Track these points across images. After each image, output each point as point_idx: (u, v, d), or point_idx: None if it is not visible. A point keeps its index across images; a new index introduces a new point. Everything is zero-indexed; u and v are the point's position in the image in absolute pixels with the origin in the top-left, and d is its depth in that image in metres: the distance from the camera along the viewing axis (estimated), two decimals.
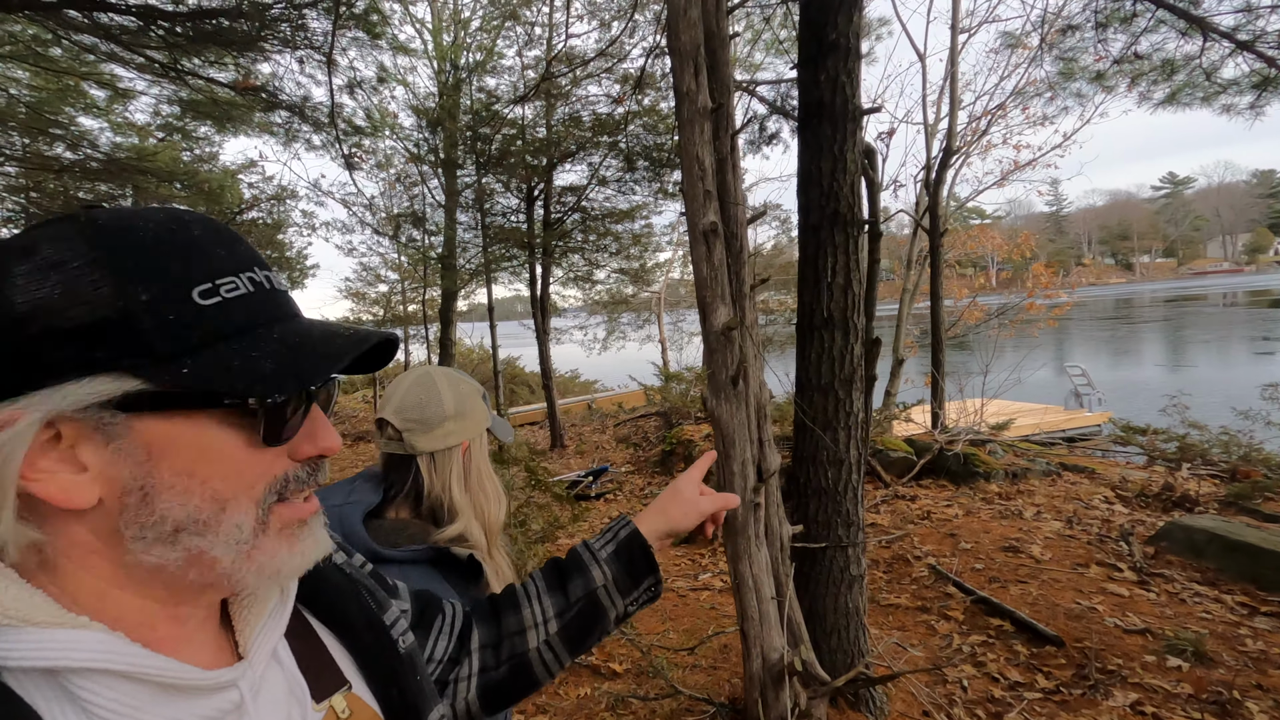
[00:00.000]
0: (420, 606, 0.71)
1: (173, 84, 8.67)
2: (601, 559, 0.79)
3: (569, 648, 0.77)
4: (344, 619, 0.56)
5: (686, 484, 0.88)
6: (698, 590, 3.77)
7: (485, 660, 0.74)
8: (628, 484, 6.82)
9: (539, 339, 9.28)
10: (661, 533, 0.83)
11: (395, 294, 16.62)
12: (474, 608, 0.77)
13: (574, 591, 0.78)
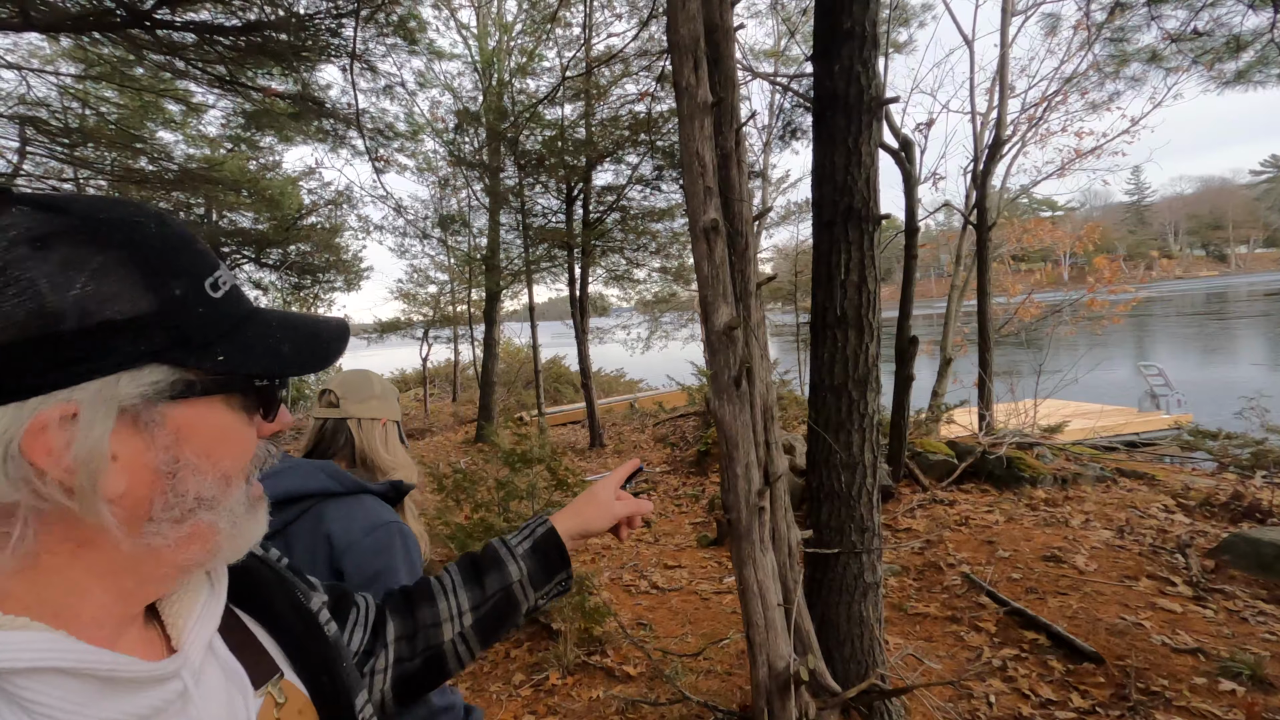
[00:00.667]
0: (335, 599, 0.71)
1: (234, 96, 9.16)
2: (518, 555, 0.82)
3: (482, 639, 0.79)
4: (271, 609, 0.57)
5: (603, 488, 0.92)
6: (721, 594, 3.71)
7: (400, 652, 0.75)
8: (662, 484, 6.79)
9: (578, 339, 9.36)
10: (575, 532, 0.86)
11: (444, 295, 17.09)
12: (387, 599, 0.79)
13: (490, 585, 0.80)
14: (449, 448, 11.44)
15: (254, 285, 18.47)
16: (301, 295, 18.64)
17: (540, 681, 2.78)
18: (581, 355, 9.32)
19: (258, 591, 0.57)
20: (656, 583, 3.88)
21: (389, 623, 0.76)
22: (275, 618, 0.57)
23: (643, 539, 5.02)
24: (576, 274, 9.22)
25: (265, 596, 0.57)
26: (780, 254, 18.12)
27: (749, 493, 2.13)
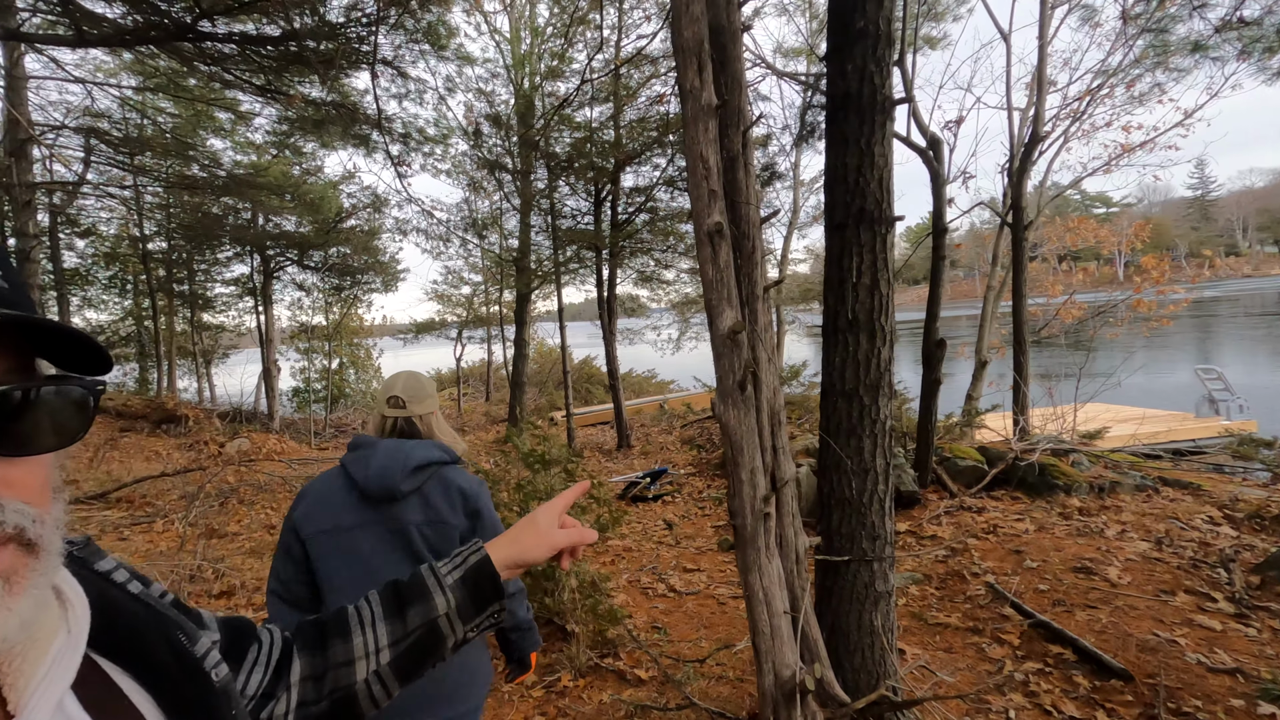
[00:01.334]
0: (232, 635, 0.65)
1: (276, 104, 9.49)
2: (446, 585, 0.74)
3: (400, 678, 0.72)
4: (143, 655, 0.49)
5: (544, 514, 0.82)
6: (739, 599, 3.67)
7: (305, 694, 0.67)
8: (688, 486, 6.77)
9: (605, 340, 9.41)
10: (510, 562, 0.78)
11: (477, 296, 17.39)
12: (297, 632, 0.72)
13: (412, 620, 0.73)
14: (480, 447, 11.62)
15: (297, 286, 19.10)
16: (342, 296, 19.20)
17: (552, 683, 2.81)
18: (609, 356, 9.37)
19: (126, 635, 0.49)
20: (674, 586, 3.87)
21: (295, 661, 0.68)
22: (148, 665, 0.49)
23: (664, 541, 5.01)
24: (605, 275, 9.27)
25: (136, 641, 0.49)
26: (812, 254, 17.90)
27: (754, 498, 2.11)
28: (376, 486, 1.49)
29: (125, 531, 5.95)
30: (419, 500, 1.53)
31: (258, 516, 6.43)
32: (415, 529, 1.51)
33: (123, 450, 11.30)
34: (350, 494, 1.53)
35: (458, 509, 1.54)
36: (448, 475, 1.58)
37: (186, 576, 4.16)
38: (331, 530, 1.50)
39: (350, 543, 1.50)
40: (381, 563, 1.49)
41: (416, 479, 1.53)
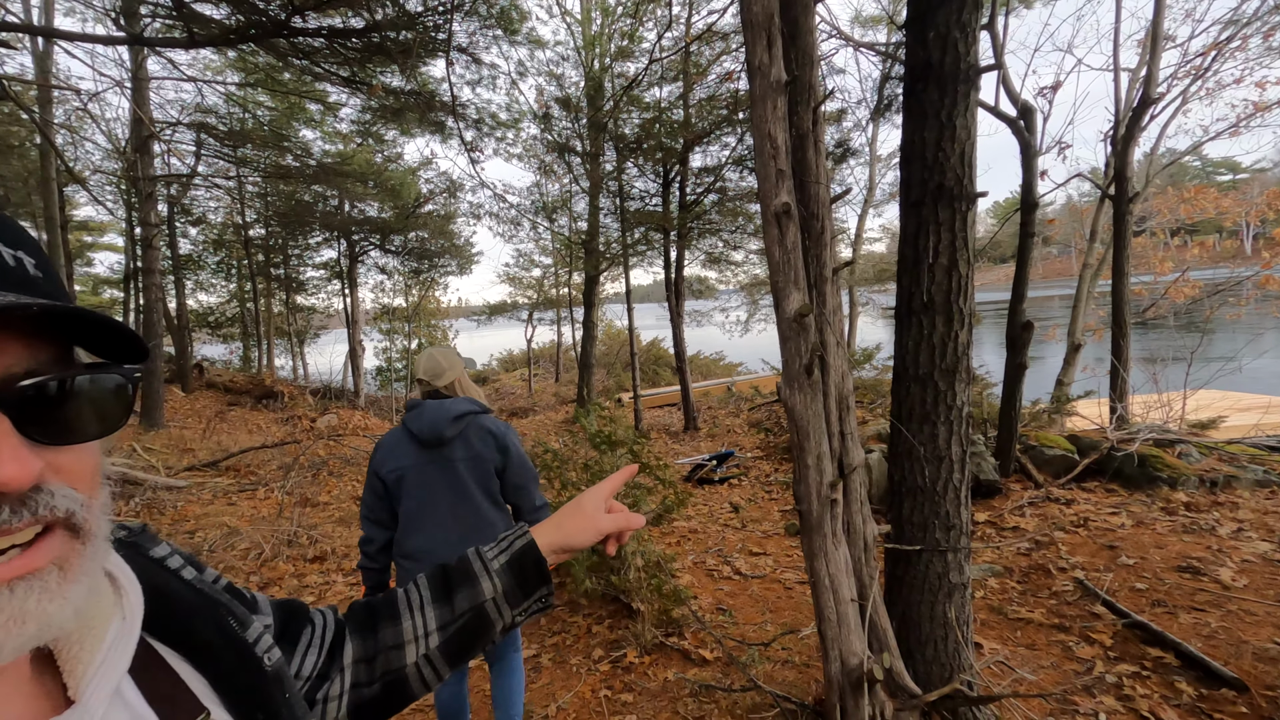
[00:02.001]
0: (284, 618, 0.66)
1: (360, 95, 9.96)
2: (493, 570, 0.74)
3: (449, 661, 0.72)
4: (198, 641, 0.50)
5: (590, 499, 0.82)
6: (805, 584, 3.64)
7: (358, 676, 0.68)
8: (754, 469, 6.73)
9: (672, 322, 9.41)
10: (556, 546, 0.78)
11: (548, 278, 17.77)
12: (349, 615, 0.74)
13: (460, 604, 0.73)
14: (549, 427, 11.95)
15: (379, 270, 20.13)
16: (420, 279, 20.09)
17: (618, 658, 2.89)
18: (676, 338, 9.37)
19: (179, 619, 0.50)
20: (740, 569, 3.88)
21: (347, 644, 0.69)
22: (202, 650, 0.50)
23: (729, 524, 5.02)
24: (672, 257, 9.24)
25: (188, 625, 0.50)
26: (888, 233, 17.12)
27: (820, 484, 2.08)
28: (429, 435, 2.00)
29: (234, 497, 6.53)
30: (461, 442, 2.04)
31: (345, 488, 6.90)
32: (460, 464, 2.03)
33: (229, 423, 12.34)
34: (411, 443, 2.04)
35: (490, 447, 2.06)
36: (481, 421, 2.09)
37: (285, 541, 4.54)
38: (400, 470, 2.01)
39: (415, 477, 2.01)
40: (437, 490, 2.02)
41: (458, 425, 2.03)
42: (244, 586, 0.64)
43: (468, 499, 2.03)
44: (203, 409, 13.04)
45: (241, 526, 5.42)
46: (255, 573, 4.08)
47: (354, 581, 4.15)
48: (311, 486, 6.93)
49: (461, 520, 2.02)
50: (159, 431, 9.67)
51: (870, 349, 8.21)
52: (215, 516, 5.72)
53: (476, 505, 2.04)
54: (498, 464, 2.06)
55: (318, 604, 4.10)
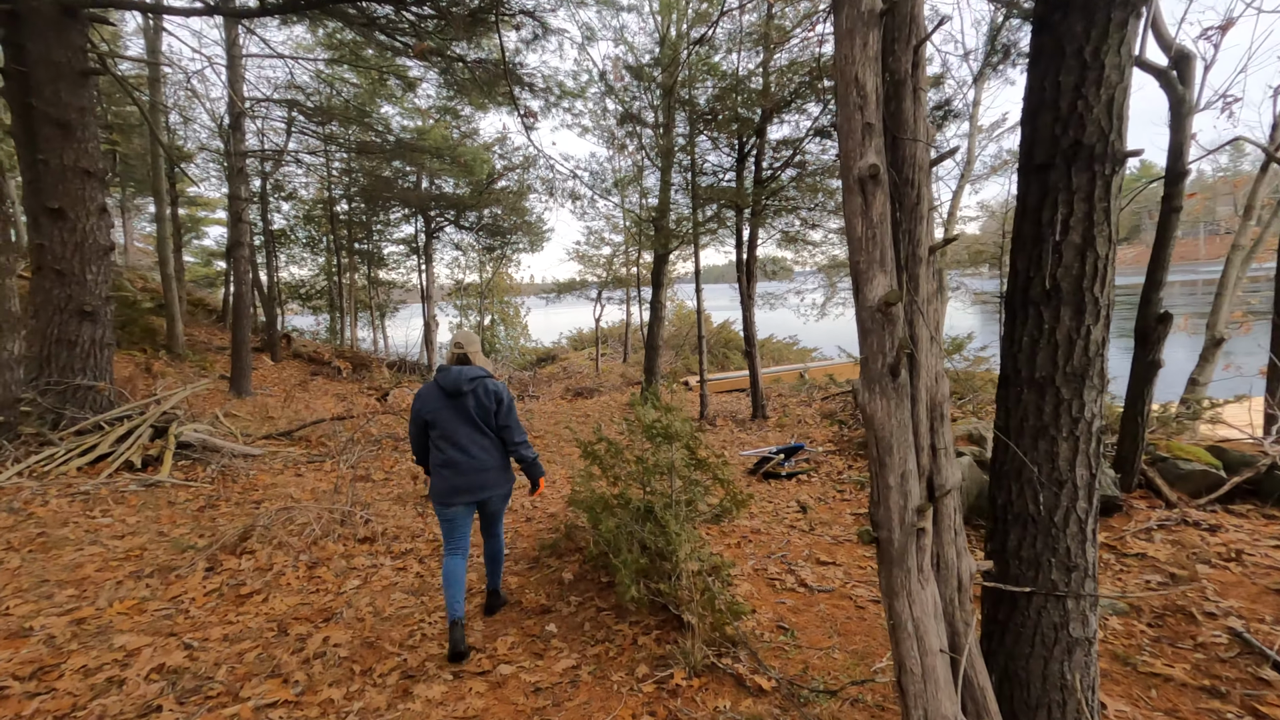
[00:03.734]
0: None
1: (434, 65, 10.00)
2: None
3: None
4: None
5: None
6: (879, 602, 3.27)
7: None
8: (826, 465, 6.29)
9: (743, 304, 8.97)
10: None
11: (617, 256, 17.59)
12: None
13: None
14: (613, 409, 11.81)
15: (454, 246, 20.60)
16: (493, 256, 20.43)
17: (664, 679, 2.64)
18: (746, 321, 8.94)
19: None
20: (805, 579, 3.54)
21: None
22: None
23: (796, 525, 4.66)
24: (744, 236, 8.78)
25: None
26: (986, 210, 15.69)
27: (904, 509, 1.73)
28: (452, 388, 3.11)
29: (302, 468, 6.74)
30: (473, 395, 3.13)
31: (405, 465, 6.99)
32: (471, 409, 3.13)
33: (310, 392, 12.95)
34: (440, 393, 3.14)
35: (491, 399, 3.16)
36: (486, 383, 3.18)
37: (338, 519, 4.56)
38: (432, 411, 3.13)
39: (442, 416, 3.12)
40: (455, 425, 3.12)
41: (471, 384, 3.13)
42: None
43: (476, 429, 3.16)
44: (288, 378, 13.77)
45: (304, 499, 5.55)
46: (305, 551, 4.11)
47: (401, 566, 4.12)
48: (373, 461, 7.06)
49: (471, 443, 3.14)
50: (246, 399, 10.24)
51: (960, 338, 7.46)
52: (282, 488, 5.90)
53: (481, 432, 3.18)
54: (494, 410, 3.18)
55: (361, 586, 4.09)
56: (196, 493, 5.45)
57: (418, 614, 3.43)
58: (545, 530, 4.86)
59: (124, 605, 3.35)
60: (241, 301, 10.56)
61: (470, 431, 3.14)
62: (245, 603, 3.50)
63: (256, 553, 4.08)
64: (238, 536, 4.20)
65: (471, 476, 3.12)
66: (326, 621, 3.31)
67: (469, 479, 3.12)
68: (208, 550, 4.04)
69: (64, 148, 5.96)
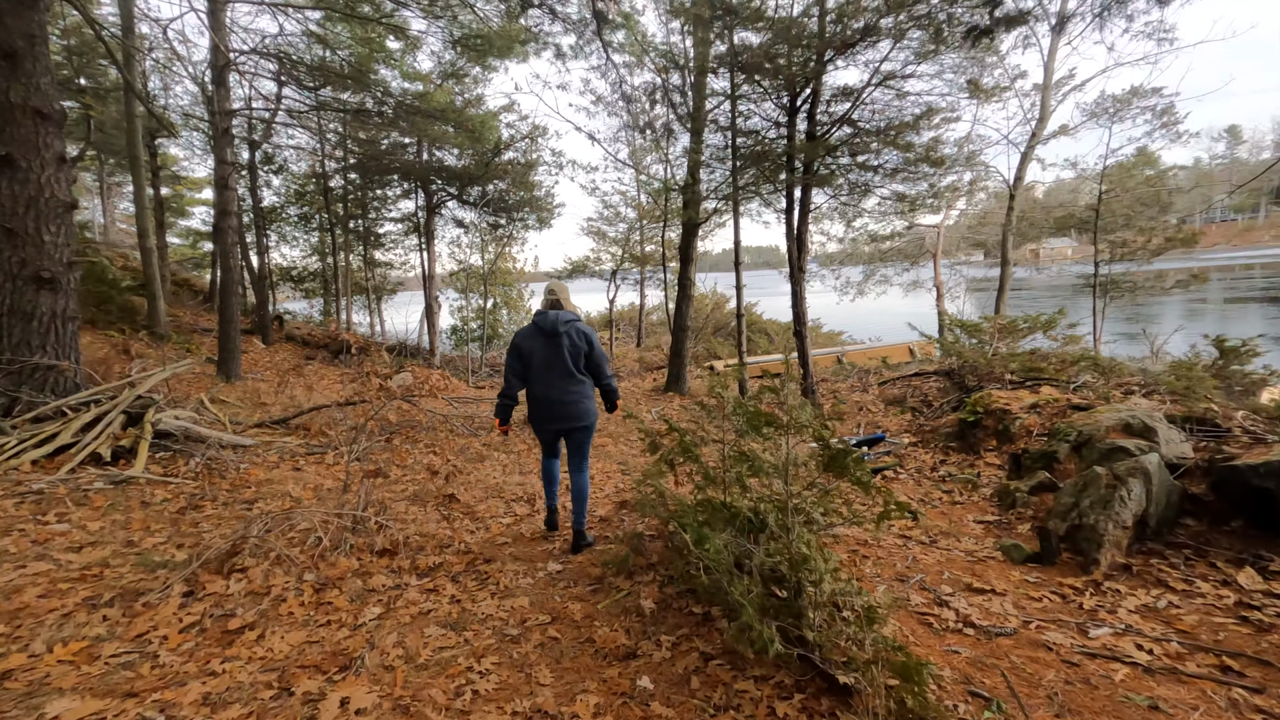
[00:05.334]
0: None
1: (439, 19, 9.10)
2: None
3: None
4: None
5: None
6: (1100, 657, 2.41)
7: None
8: (910, 459, 5.49)
9: (792, 276, 8.12)
10: None
11: (634, 232, 16.68)
12: None
13: None
14: (637, 395, 11.02)
15: (457, 224, 19.67)
16: (498, 234, 19.50)
17: None
18: (796, 298, 8.09)
19: None
20: (969, 616, 2.73)
21: None
22: None
23: (910, 534, 3.86)
24: (796, 197, 7.90)
25: None
26: (1069, 166, 14.18)
27: None
28: (549, 328, 3.64)
29: (301, 461, 5.94)
30: (567, 336, 3.65)
31: (421, 458, 6.19)
32: (565, 347, 3.64)
33: (306, 377, 12.13)
34: (539, 332, 3.67)
35: (583, 340, 3.69)
36: (578, 325, 3.72)
37: (350, 525, 3.75)
38: (530, 346, 3.66)
39: (540, 350, 3.65)
40: (551, 361, 3.64)
41: (565, 326, 3.65)
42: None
43: (567, 367, 3.62)
44: (281, 362, 12.93)
45: (305, 498, 4.74)
46: (311, 568, 3.30)
47: (431, 587, 3.32)
48: (384, 454, 6.26)
49: (563, 378, 3.63)
50: (235, 383, 9.41)
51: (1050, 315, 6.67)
52: (278, 484, 5.09)
53: (571, 372, 3.63)
54: (586, 350, 3.66)
55: (385, 616, 3.29)
56: (176, 491, 4.64)
57: (462, 658, 2.63)
58: (598, 536, 4.07)
59: (70, 650, 2.54)
60: (229, 276, 9.69)
61: (562, 369, 3.64)
62: (234, 641, 2.69)
63: (249, 570, 3.27)
64: (226, 549, 3.39)
65: (561, 408, 3.67)
66: (343, 671, 2.51)
67: (559, 410, 3.68)
68: (187, 568, 3.22)
69: (10, 82, 5.08)
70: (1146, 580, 2.94)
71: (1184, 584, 2.86)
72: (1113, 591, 2.88)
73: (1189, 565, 3.00)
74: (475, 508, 4.77)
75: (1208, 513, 3.22)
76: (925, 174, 7.52)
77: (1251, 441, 3.52)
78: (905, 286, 13.59)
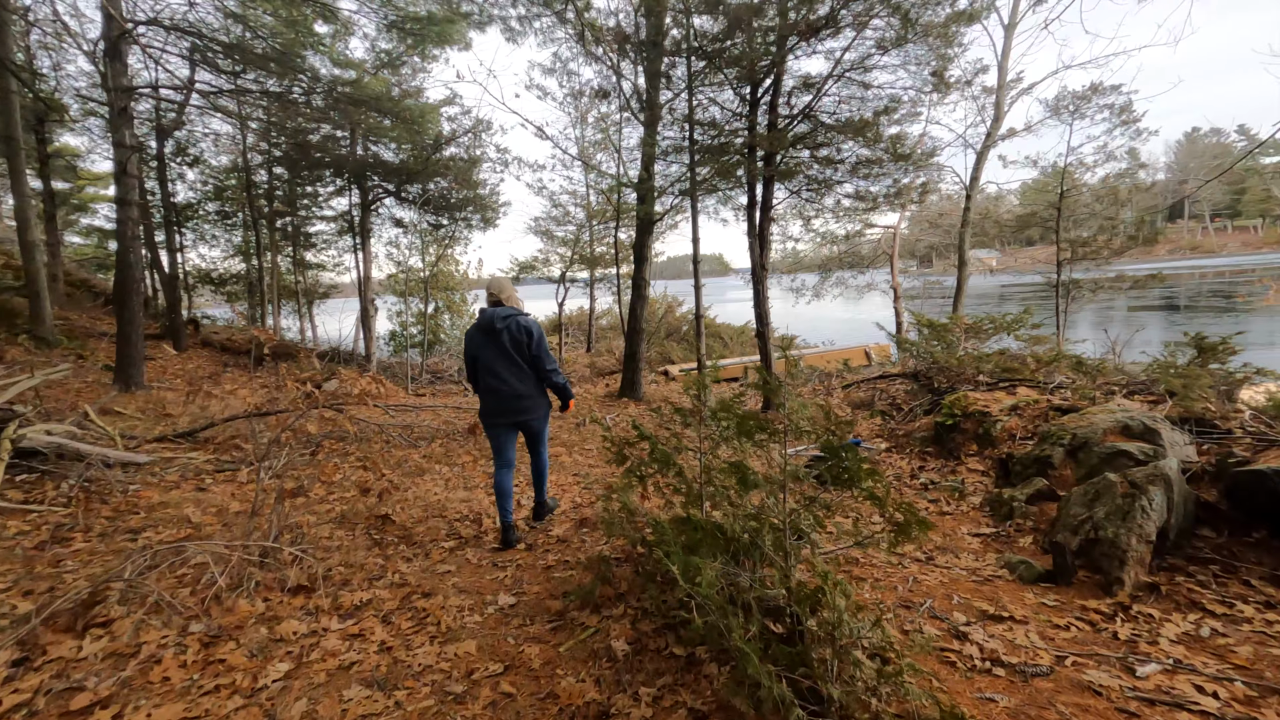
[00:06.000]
0: None
1: None
2: None
3: None
4: None
5: None
6: (1157, 703, 2.04)
7: None
8: (887, 465, 5.21)
9: (754, 275, 7.81)
10: None
11: (584, 231, 16.16)
12: None
13: None
14: (589, 402, 10.51)
15: (395, 223, 18.69)
16: (439, 235, 18.59)
17: None
18: (759, 297, 7.78)
19: None
20: (993, 650, 2.37)
21: None
22: None
23: (904, 552, 3.52)
24: (758, 195, 7.62)
25: None
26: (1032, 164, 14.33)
27: None
28: (487, 325, 3.75)
29: (207, 479, 5.19)
30: (506, 330, 3.72)
31: (351, 474, 5.52)
32: (507, 342, 3.72)
33: (223, 384, 11.12)
34: (480, 330, 3.79)
35: (522, 332, 3.74)
36: (518, 319, 3.76)
37: (257, 558, 3.13)
38: (478, 346, 3.79)
39: (484, 351, 3.77)
40: (494, 356, 3.74)
41: (504, 322, 3.72)
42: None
43: (511, 361, 3.75)
44: (195, 369, 11.81)
45: (207, 525, 4.05)
46: (201, 616, 2.68)
47: (357, 631, 2.75)
48: (307, 470, 5.56)
49: (508, 373, 3.75)
50: (137, 393, 8.41)
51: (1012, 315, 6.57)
52: (175, 509, 4.36)
53: (518, 363, 3.76)
54: (527, 343, 3.75)
55: (294, 674, 2.69)
56: (39, 521, 3.87)
57: None
58: (557, 563, 3.57)
59: None
60: (128, 273, 8.68)
61: (506, 363, 3.73)
62: None
63: (116, 623, 2.62)
64: (85, 596, 2.72)
65: (509, 402, 3.76)
66: None
67: (507, 404, 3.76)
68: (27, 625, 2.55)
69: None
70: (1179, 602, 2.66)
71: (1223, 607, 2.58)
72: (1145, 617, 2.58)
73: (1220, 584, 2.74)
74: (413, 530, 4.18)
75: (1225, 522, 2.99)
76: (888, 170, 7.35)
77: (1257, 443, 3.34)
78: (860, 289, 13.58)
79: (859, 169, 7.63)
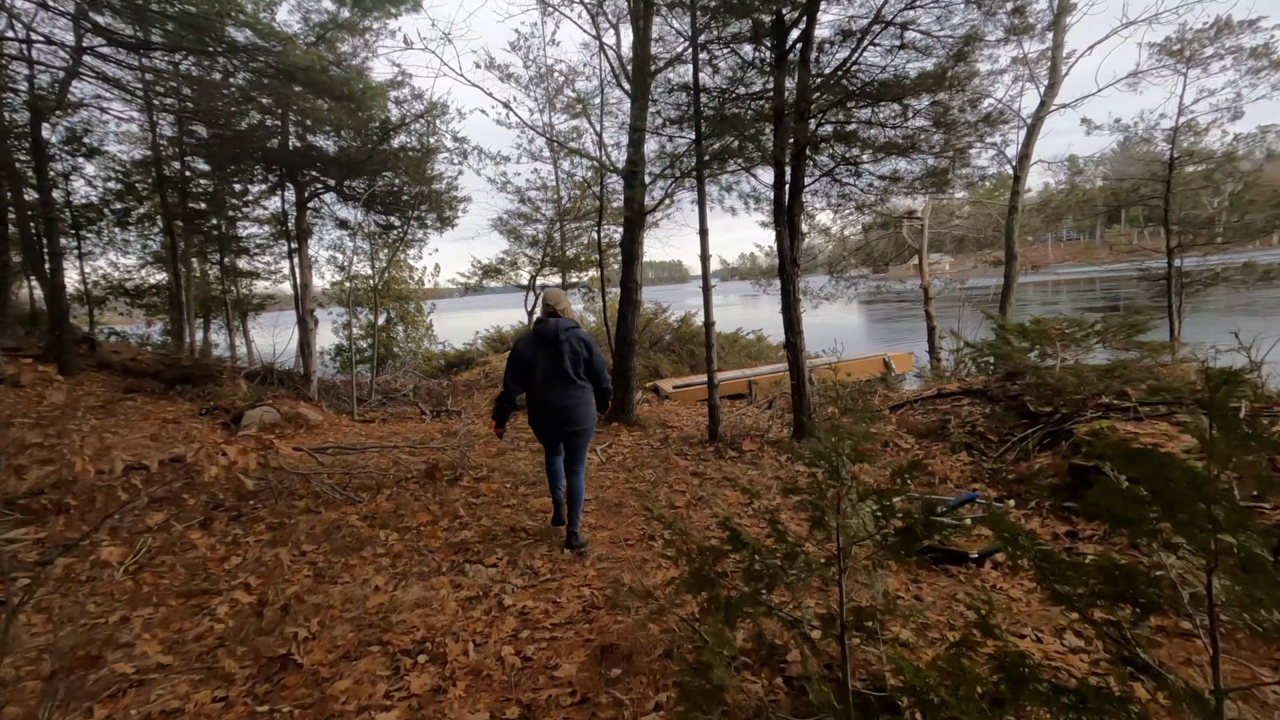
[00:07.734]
0: None
1: None
2: None
3: None
4: None
5: None
6: None
7: None
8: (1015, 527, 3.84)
9: (784, 271, 6.38)
10: None
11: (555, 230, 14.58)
12: None
13: None
14: None
15: (338, 224, 16.79)
16: (390, 240, 16.75)
17: None
18: (788, 297, 6.35)
19: None
20: None
21: None
22: None
23: None
24: (787, 174, 6.22)
25: None
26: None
27: None
28: (550, 336, 3.93)
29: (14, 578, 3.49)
30: (567, 343, 3.92)
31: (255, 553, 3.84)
32: (565, 354, 3.90)
33: (120, 417, 9.24)
34: (540, 340, 3.96)
35: (582, 346, 3.96)
36: (577, 333, 3.98)
37: None
38: (532, 353, 3.96)
39: (541, 358, 3.94)
40: (550, 367, 3.91)
41: (566, 334, 3.93)
42: None
43: (567, 374, 3.91)
44: (83, 398, 9.84)
45: None
46: None
47: None
48: (186, 553, 3.89)
49: (564, 384, 3.92)
50: None
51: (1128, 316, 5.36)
52: None
53: (572, 378, 3.92)
54: (585, 357, 3.96)
55: None
56: None
57: None
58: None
59: None
60: None
61: (562, 376, 3.91)
62: None
63: None
64: None
65: (560, 413, 3.93)
66: None
67: (558, 414, 3.93)
68: None
69: None
70: None
71: None
72: None
73: None
74: (330, 685, 2.59)
75: None
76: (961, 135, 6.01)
77: None
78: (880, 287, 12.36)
79: (917, 138, 6.25)
